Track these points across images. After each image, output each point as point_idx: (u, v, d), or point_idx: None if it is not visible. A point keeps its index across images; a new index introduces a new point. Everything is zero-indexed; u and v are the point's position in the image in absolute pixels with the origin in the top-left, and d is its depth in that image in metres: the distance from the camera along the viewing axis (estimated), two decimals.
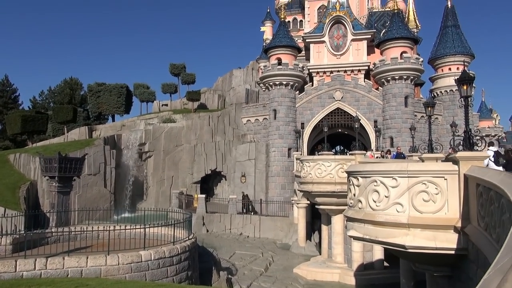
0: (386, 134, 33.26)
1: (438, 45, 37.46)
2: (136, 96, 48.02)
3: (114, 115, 48.29)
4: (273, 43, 36.32)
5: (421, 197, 7.69)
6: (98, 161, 33.94)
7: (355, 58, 35.34)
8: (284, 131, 34.84)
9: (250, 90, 44.39)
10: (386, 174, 8.19)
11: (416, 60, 33.32)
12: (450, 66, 36.64)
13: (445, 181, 7.61)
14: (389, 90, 33.32)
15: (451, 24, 37.31)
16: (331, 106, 34.86)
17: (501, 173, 5.76)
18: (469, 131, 8.22)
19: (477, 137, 8.80)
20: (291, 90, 35.43)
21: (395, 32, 33.37)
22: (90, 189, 32.91)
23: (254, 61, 47.38)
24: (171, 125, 39.23)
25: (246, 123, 39.50)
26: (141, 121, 41.72)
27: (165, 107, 46.38)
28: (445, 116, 36.47)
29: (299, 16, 43.49)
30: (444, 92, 37.14)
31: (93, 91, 46.73)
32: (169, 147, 37.99)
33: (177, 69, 47.56)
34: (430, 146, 14.00)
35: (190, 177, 37.41)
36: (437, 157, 12.29)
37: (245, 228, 29.95)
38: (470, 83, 8.71)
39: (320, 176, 18.13)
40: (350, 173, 9.32)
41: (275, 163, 34.82)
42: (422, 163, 10.59)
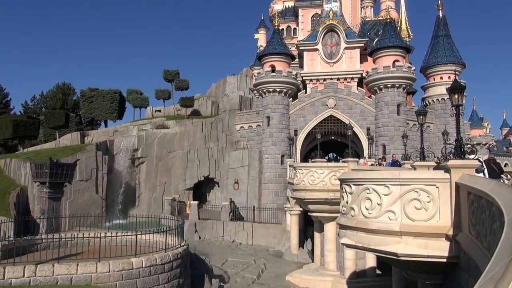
0: (378, 142, 33.45)
1: (430, 54, 37.91)
2: (129, 101, 47.85)
3: (106, 120, 48.04)
4: (267, 50, 36.50)
5: (413, 205, 7.72)
6: (90, 167, 33.67)
7: (348, 66, 35.61)
8: (278, 138, 34.89)
9: (244, 97, 44.47)
10: (378, 182, 8.22)
11: (408, 69, 33.66)
12: (441, 75, 37.05)
13: (437, 189, 7.66)
14: (382, 98, 33.58)
15: (443, 33, 37.80)
16: (324, 113, 35.02)
17: (492, 181, 5.81)
18: (460, 139, 8.31)
19: (468, 146, 8.89)
20: (284, 97, 35.55)
21: (387, 41, 33.72)
22: (81, 195, 32.61)
23: (248, 68, 47.54)
24: (164, 131, 39.11)
25: (239, 129, 39.50)
26: (134, 127, 41.54)
27: (158, 113, 46.26)
28: (437, 124, 36.80)
29: (293, 24, 43.80)
30: (436, 101, 37.51)
31: (86, 96, 46.48)
32: (162, 153, 37.83)
33: (170, 75, 47.53)
34: (422, 154, 14.11)
35: (183, 183, 37.24)
36: (429, 165, 12.38)
37: (237, 235, 29.81)
38: (461, 92, 8.82)
39: (313, 183, 18.14)
40: (343, 181, 9.35)
41: (268, 170, 34.81)
42: (414, 171, 10.66)
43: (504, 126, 69.14)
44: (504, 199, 3.93)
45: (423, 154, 14.18)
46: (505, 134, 66.61)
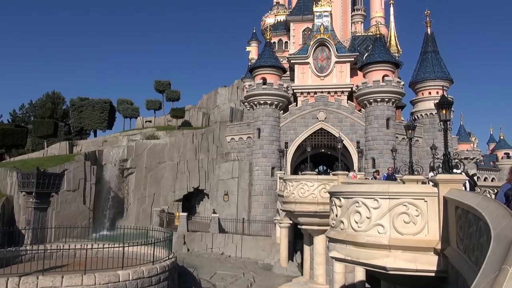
0: (368, 155, 33.68)
1: (419, 69, 38.56)
2: (120, 111, 47.59)
3: (96, 130, 47.66)
4: (258, 63, 36.77)
5: (402, 218, 7.75)
6: (78, 177, 33.24)
7: (339, 80, 36.01)
8: (268, 150, 34.94)
9: (235, 109, 44.57)
10: (367, 195, 8.25)
11: (397, 84, 34.15)
12: (430, 90, 37.65)
13: (425, 203, 7.71)
14: (371, 112, 33.94)
15: (431, 50, 38.55)
16: (314, 126, 35.23)
17: (479, 196, 5.87)
18: (448, 154, 8.41)
19: (456, 160, 9.00)
20: (275, 109, 35.73)
21: (377, 56, 34.24)
22: (68, 206, 32.11)
23: (239, 80, 47.77)
24: (154, 141, 38.89)
25: (230, 141, 39.49)
26: (123, 137, 41.26)
27: (149, 124, 46.06)
28: (426, 139, 37.24)
29: (285, 37, 44.28)
30: (425, 115, 38.02)
31: (75, 106, 46.13)
32: (151, 164, 37.55)
33: (162, 85, 47.50)
34: (410, 168, 14.24)
35: (172, 194, 36.95)
36: (418, 179, 12.48)
37: (226, 247, 29.56)
38: (449, 108, 8.95)
39: (303, 196, 18.13)
40: (333, 194, 9.36)
41: (258, 182, 34.75)
42: (403, 184, 10.73)
43: (491, 141, 70.15)
44: (490, 214, 3.97)
45: (411, 168, 14.31)
46: (492, 149, 67.55)
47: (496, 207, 4.16)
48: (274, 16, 47.21)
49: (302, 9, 41.11)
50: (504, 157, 62.43)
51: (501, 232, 3.08)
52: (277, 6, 48.72)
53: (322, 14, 37.17)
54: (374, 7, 46.30)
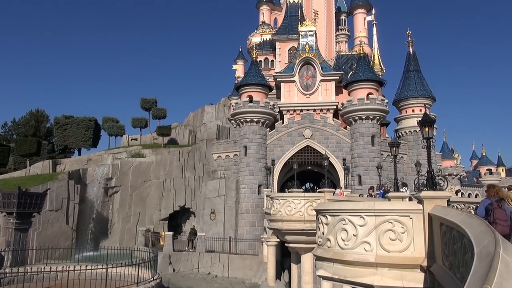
0: (354, 172, 33.91)
1: (402, 88, 39.34)
2: (105, 130, 47.15)
3: (80, 148, 47.00)
4: (244, 81, 37.06)
5: (388, 236, 7.78)
6: (61, 196, 32.56)
7: (324, 97, 36.46)
8: (255, 168, 34.90)
9: (222, 126, 44.61)
10: (354, 213, 8.28)
11: (381, 101, 34.73)
12: (413, 108, 38.34)
13: (411, 220, 7.76)
14: (357, 129, 34.34)
15: (413, 68, 39.45)
16: (301, 143, 35.42)
17: (462, 212, 5.95)
18: (431, 171, 8.52)
19: (439, 177, 9.12)
20: (262, 127, 35.87)
21: (361, 74, 34.88)
22: (50, 226, 31.33)
23: (225, 98, 47.98)
24: (140, 160, 38.50)
25: (216, 159, 39.36)
26: (108, 155, 40.75)
27: (135, 142, 45.68)
28: (410, 155, 37.72)
29: (271, 56, 44.84)
30: (409, 132, 38.60)
31: (59, 124, 45.54)
32: (137, 182, 37.07)
33: (148, 103, 47.36)
34: (395, 184, 14.36)
35: (158, 213, 36.42)
36: (403, 196, 12.57)
37: (213, 267, 29.12)
38: (431, 125, 9.12)
39: (289, 214, 18.07)
40: (319, 211, 9.36)
41: (245, 200, 34.57)
42: (388, 202, 10.80)
43: (474, 158, 71.48)
44: (474, 231, 4.02)
45: (396, 185, 14.44)
46: (475, 165, 68.81)
47: (479, 224, 4.21)
48: (260, 35, 47.88)
49: (288, 29, 41.82)
50: (487, 173, 63.57)
51: (483, 249, 3.11)
52: (263, 26, 49.49)
53: (307, 34, 37.86)
54: (357, 27, 47.40)
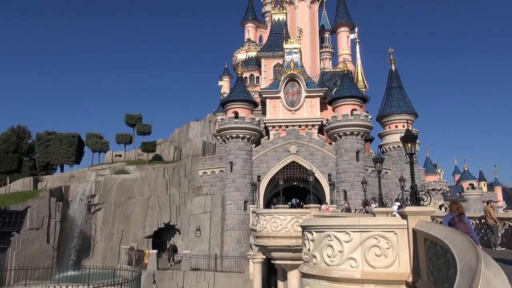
0: (340, 188, 34.06)
1: (385, 104, 40.05)
2: (88, 146, 46.47)
3: (63, 165, 46.15)
4: (230, 97, 37.20)
5: (374, 251, 7.79)
6: (42, 214, 31.76)
7: (309, 113, 36.80)
8: (241, 184, 34.75)
9: (207, 142, 44.47)
10: (339, 229, 8.29)
11: (365, 117, 35.23)
12: (396, 124, 39.00)
13: (395, 235, 7.80)
14: (342, 145, 34.65)
15: (396, 85, 40.28)
16: (286, 159, 35.51)
17: (446, 228, 6.01)
18: (415, 186, 8.63)
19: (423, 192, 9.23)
20: (247, 143, 35.90)
21: (345, 91, 35.41)
22: (30, 245, 30.44)
23: (211, 114, 47.99)
24: (124, 176, 37.95)
25: (202, 175, 39.12)
26: (92, 172, 40.08)
27: (119, 158, 45.08)
28: (394, 171, 38.15)
29: (256, 72, 45.22)
30: (392, 148, 39.13)
31: (42, 140, 44.74)
32: (120, 199, 36.44)
33: (133, 119, 46.97)
34: (380, 200, 14.47)
35: (142, 231, 35.76)
36: (388, 211, 12.68)
37: (198, 285, 28.59)
38: (413, 141, 9.29)
39: (275, 230, 17.99)
40: (305, 228, 9.35)
41: (231, 216, 34.29)
42: (373, 217, 10.86)
43: (456, 172, 72.65)
44: (456, 247, 4.06)
45: (381, 200, 14.55)
46: (458, 180, 69.88)
47: (462, 239, 4.26)
48: (245, 52, 48.34)
49: (273, 46, 42.35)
50: (469, 188, 64.58)
51: (465, 265, 3.14)
52: (248, 43, 50.03)
53: (292, 51, 38.40)
54: (341, 45, 48.32)
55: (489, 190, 69.53)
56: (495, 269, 2.81)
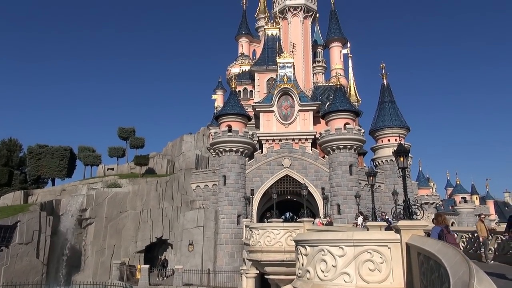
0: (333, 201, 34.04)
1: (377, 118, 40.38)
2: (81, 159, 46.11)
3: (54, 179, 45.68)
4: (224, 111, 37.29)
5: (367, 266, 7.77)
6: (32, 228, 31.25)
7: (302, 127, 36.96)
8: (234, 198, 34.60)
9: (200, 156, 44.37)
10: (333, 243, 8.27)
11: (358, 131, 35.46)
12: (389, 138, 39.26)
13: (389, 250, 7.80)
14: (335, 159, 34.76)
15: (388, 99, 40.70)
16: (280, 173, 35.50)
17: (439, 242, 6.03)
18: (408, 200, 8.67)
19: (416, 206, 9.28)
20: (241, 156, 35.88)
21: (338, 105, 35.69)
22: (20, 260, 29.86)
23: (205, 127, 48.01)
24: (116, 190, 37.61)
25: (195, 189, 38.92)
26: (83, 185, 39.70)
27: (111, 171, 44.74)
28: (387, 184, 38.26)
29: (249, 86, 45.48)
30: (385, 162, 39.30)
31: (33, 153, 44.33)
32: (112, 213, 36.03)
33: (126, 133, 46.82)
34: (373, 214, 14.48)
35: (134, 245, 35.30)
36: (381, 226, 12.66)
37: None
38: (406, 155, 9.36)
39: (269, 244, 17.89)
40: (298, 242, 9.32)
41: (224, 230, 34.04)
42: (367, 231, 10.85)
43: (448, 186, 73.05)
44: (449, 261, 4.07)
45: (374, 214, 14.56)
46: (450, 193, 70.23)
47: (455, 254, 4.27)
48: (239, 66, 48.69)
49: (266, 60, 42.72)
50: (462, 201, 64.88)
51: (458, 280, 3.15)
52: (242, 57, 50.44)
53: (285, 65, 38.75)
54: (333, 59, 48.88)
55: (481, 203, 69.87)
56: (488, 284, 2.83)
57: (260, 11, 57.07)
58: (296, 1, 44.47)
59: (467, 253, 13.76)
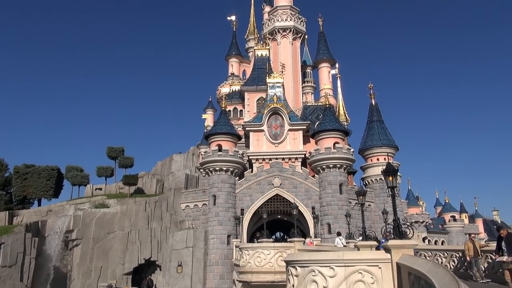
0: (324, 221, 33.93)
1: (366, 137, 40.77)
2: (68, 179, 45.43)
3: (40, 199, 44.84)
4: (214, 130, 37.33)
5: (358, 287, 7.71)
6: (16, 250, 30.48)
7: (292, 146, 37.11)
8: (224, 218, 34.29)
9: (190, 175, 44.09)
10: (323, 263, 8.21)
11: (347, 150, 35.70)
12: (378, 157, 39.56)
13: (380, 269, 7.77)
14: (325, 178, 34.82)
15: (376, 119, 41.20)
16: (270, 192, 35.39)
17: (429, 262, 6.03)
18: (397, 219, 8.69)
19: (405, 225, 9.30)
20: (231, 176, 35.75)
21: (327, 124, 36.01)
22: (2, 284, 28.99)
23: (194, 147, 47.89)
24: (103, 210, 37.01)
25: (184, 208, 38.52)
26: (70, 206, 39.00)
27: (99, 191, 44.10)
28: (377, 203, 38.33)
29: (239, 106, 45.74)
30: (375, 180, 39.46)
31: (19, 173, 43.59)
32: (99, 234, 35.33)
33: (115, 152, 46.40)
34: (364, 233, 14.47)
35: (121, 267, 34.53)
36: (372, 245, 12.64)
37: None
38: (394, 175, 9.43)
39: (259, 265, 17.69)
40: (289, 263, 9.23)
41: (214, 251, 33.57)
42: (357, 251, 10.81)
43: (438, 205, 73.51)
44: (440, 281, 4.07)
45: (365, 234, 14.55)
46: (439, 212, 70.61)
47: (444, 274, 4.28)
48: (229, 86, 49.08)
49: (256, 80, 43.14)
50: (451, 220, 65.22)
51: None
52: (232, 77, 50.93)
53: (275, 85, 39.17)
54: (322, 79, 49.59)
55: (470, 222, 70.31)
56: None
57: (250, 32, 57.99)
58: (285, 23, 45.29)
59: (457, 272, 13.75)
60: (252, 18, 58.26)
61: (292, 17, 45.69)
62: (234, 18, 55.33)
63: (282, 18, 45.46)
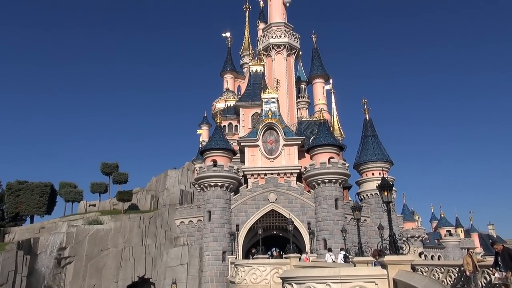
0: (319, 236, 33.74)
1: (361, 152, 40.92)
2: (61, 195, 44.95)
3: (33, 216, 44.25)
4: (209, 146, 37.30)
5: None
6: (7, 269, 29.93)
7: (287, 161, 37.13)
8: (219, 234, 33.99)
9: (185, 191, 43.84)
10: (320, 280, 8.14)
11: (342, 165, 35.76)
12: (373, 171, 39.65)
13: (376, 286, 7.72)
14: (320, 193, 34.77)
15: (370, 134, 41.45)
16: (265, 207, 35.23)
17: (425, 278, 6.00)
18: (393, 235, 8.67)
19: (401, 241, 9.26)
20: (226, 191, 35.59)
21: (322, 139, 36.15)
22: None
23: (189, 162, 47.74)
24: (97, 227, 36.55)
25: (179, 225, 38.17)
26: (63, 222, 38.52)
27: (93, 208, 43.63)
28: (373, 218, 38.24)
29: (234, 121, 45.85)
30: (370, 195, 39.47)
31: (12, 190, 43.09)
32: (93, 251, 34.84)
33: (109, 168, 46.11)
34: (360, 248, 14.38)
35: (115, 285, 33.95)
36: (368, 261, 12.56)
37: None
38: (389, 189, 9.44)
39: (255, 282, 17.48)
40: (285, 279, 9.13)
41: (209, 267, 33.17)
42: (353, 267, 10.74)
43: (433, 219, 73.42)
44: None
45: (361, 249, 14.46)
46: (435, 227, 70.49)
47: None
48: (224, 101, 49.26)
49: (251, 96, 43.38)
50: (447, 235, 65.11)
51: None
52: (227, 92, 51.18)
53: (269, 101, 39.39)
54: (317, 95, 49.97)
55: (466, 236, 70.20)
56: None
57: (244, 48, 58.57)
58: (280, 39, 45.83)
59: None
60: (247, 34, 58.91)
61: (286, 33, 46.28)
62: (229, 34, 55.93)
63: (277, 35, 46.03)
